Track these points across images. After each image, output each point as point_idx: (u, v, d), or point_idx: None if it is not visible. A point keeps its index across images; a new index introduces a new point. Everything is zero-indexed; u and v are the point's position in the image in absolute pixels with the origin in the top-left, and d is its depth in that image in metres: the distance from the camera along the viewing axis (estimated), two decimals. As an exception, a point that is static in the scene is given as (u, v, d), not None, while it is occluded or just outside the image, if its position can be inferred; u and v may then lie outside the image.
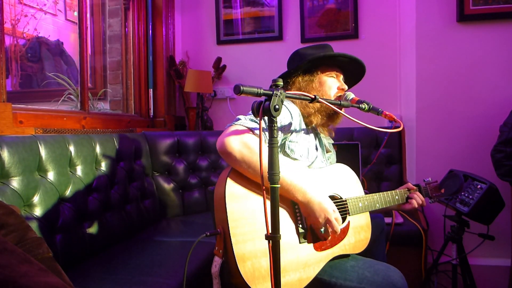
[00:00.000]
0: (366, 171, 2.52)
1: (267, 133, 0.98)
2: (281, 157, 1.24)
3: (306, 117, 1.37)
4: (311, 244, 1.20)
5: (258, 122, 1.15)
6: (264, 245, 1.09)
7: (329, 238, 1.24)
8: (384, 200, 1.41)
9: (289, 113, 1.29)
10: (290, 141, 1.30)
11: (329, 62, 1.46)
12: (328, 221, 1.18)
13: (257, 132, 1.15)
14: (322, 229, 1.20)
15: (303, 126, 1.35)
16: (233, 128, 1.16)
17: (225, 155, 1.13)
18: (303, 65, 1.42)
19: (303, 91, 1.37)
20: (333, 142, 1.60)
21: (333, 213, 1.19)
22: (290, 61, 1.51)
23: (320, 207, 1.17)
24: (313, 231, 1.22)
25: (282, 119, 1.26)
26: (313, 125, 1.40)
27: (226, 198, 1.08)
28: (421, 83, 2.43)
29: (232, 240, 1.05)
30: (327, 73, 1.44)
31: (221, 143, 1.13)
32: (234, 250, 1.05)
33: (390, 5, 2.81)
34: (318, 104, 1.34)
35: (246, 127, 1.16)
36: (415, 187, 1.53)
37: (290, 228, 1.18)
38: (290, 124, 1.28)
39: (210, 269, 1.12)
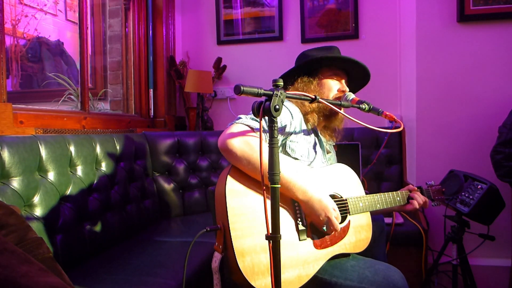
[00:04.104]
0: (367, 171, 2.52)
1: (268, 133, 0.99)
2: (282, 156, 1.25)
3: (304, 115, 1.37)
4: (311, 242, 1.21)
5: (259, 122, 1.16)
6: (264, 240, 1.08)
7: (331, 234, 1.24)
8: (385, 200, 1.41)
9: (290, 113, 1.30)
10: (291, 141, 1.30)
11: (331, 64, 1.46)
12: (328, 219, 1.18)
13: (258, 130, 1.16)
14: (325, 227, 1.20)
15: (304, 127, 1.35)
16: (235, 126, 1.17)
17: (226, 153, 1.14)
18: (302, 66, 1.42)
19: (302, 92, 1.37)
20: (334, 144, 1.61)
21: (333, 212, 1.19)
22: (295, 62, 1.52)
23: (320, 205, 1.17)
24: (313, 228, 1.22)
25: (282, 119, 1.26)
26: (310, 124, 1.40)
27: (227, 194, 1.09)
28: (421, 83, 2.42)
29: (231, 234, 1.06)
30: (328, 75, 1.45)
31: (223, 141, 1.14)
32: (233, 245, 1.06)
33: (390, 5, 2.81)
34: (315, 104, 1.34)
35: (247, 125, 1.18)
36: (416, 188, 1.53)
37: (290, 225, 1.19)
38: (291, 124, 1.29)
39: (210, 267, 1.12)
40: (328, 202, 1.19)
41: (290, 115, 1.29)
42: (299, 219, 1.20)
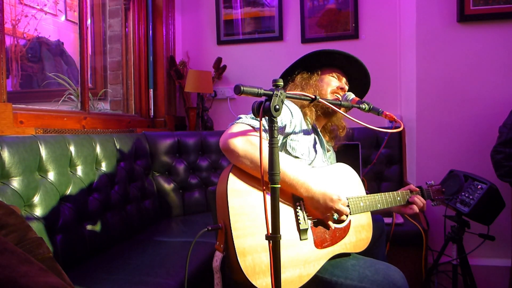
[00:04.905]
0: (367, 171, 2.52)
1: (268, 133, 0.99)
2: (283, 155, 1.25)
3: (301, 108, 1.38)
4: (312, 241, 1.21)
5: (259, 122, 1.16)
6: (265, 240, 1.09)
7: (343, 223, 1.25)
8: (386, 200, 1.41)
9: (290, 112, 1.30)
10: (291, 140, 1.31)
11: (330, 62, 1.47)
12: (335, 210, 1.20)
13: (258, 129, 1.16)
14: (335, 216, 1.21)
15: (304, 126, 1.36)
16: (235, 126, 1.17)
17: (228, 153, 1.14)
18: (302, 62, 1.44)
19: (301, 87, 1.39)
20: (333, 143, 1.61)
21: (339, 200, 1.20)
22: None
23: (324, 198, 1.18)
24: (315, 226, 1.22)
25: (283, 118, 1.26)
26: (310, 119, 1.40)
27: (228, 193, 1.09)
28: (421, 83, 2.42)
29: (233, 234, 1.06)
30: (327, 72, 1.46)
31: (224, 141, 1.14)
32: (235, 244, 1.06)
33: (390, 5, 2.81)
34: None
35: (248, 124, 1.18)
36: (417, 189, 1.52)
37: (291, 225, 1.19)
38: (291, 123, 1.29)
39: (211, 268, 1.12)
40: (332, 193, 1.19)
41: (290, 114, 1.29)
42: (300, 219, 1.20)
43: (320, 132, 1.47)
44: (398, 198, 1.46)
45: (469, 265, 1.82)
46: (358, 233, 1.33)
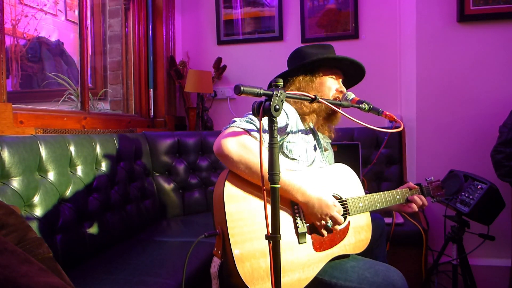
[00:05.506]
0: (367, 171, 2.52)
1: (264, 135, 0.98)
2: (280, 158, 1.24)
3: (301, 115, 1.37)
4: (311, 245, 1.20)
5: (254, 123, 1.16)
6: (263, 245, 1.09)
7: (335, 230, 1.24)
8: (385, 199, 1.41)
9: (285, 114, 1.29)
10: (288, 142, 1.30)
11: (332, 64, 1.46)
12: (330, 216, 1.19)
13: (253, 133, 1.16)
14: (330, 223, 1.20)
15: (301, 127, 1.35)
16: (230, 130, 1.16)
17: (222, 157, 1.13)
18: (306, 65, 1.42)
19: (302, 91, 1.37)
20: (330, 141, 1.60)
21: (334, 207, 1.20)
22: (291, 59, 1.51)
23: (320, 203, 1.17)
24: (313, 230, 1.22)
25: (278, 121, 1.25)
26: (310, 124, 1.40)
27: (225, 199, 1.08)
28: (421, 83, 2.43)
29: (230, 240, 1.06)
30: (328, 74, 1.45)
31: (218, 146, 1.13)
32: (232, 250, 1.05)
33: (390, 5, 2.81)
34: (315, 105, 1.34)
35: (242, 128, 1.16)
36: (416, 187, 1.52)
37: (289, 228, 1.18)
38: (287, 125, 1.28)
39: (209, 269, 1.12)
40: (327, 199, 1.19)
41: (285, 116, 1.28)
42: (298, 222, 1.20)
43: (317, 131, 1.47)
44: (398, 197, 1.46)
45: (469, 265, 1.82)
46: (358, 234, 1.33)
